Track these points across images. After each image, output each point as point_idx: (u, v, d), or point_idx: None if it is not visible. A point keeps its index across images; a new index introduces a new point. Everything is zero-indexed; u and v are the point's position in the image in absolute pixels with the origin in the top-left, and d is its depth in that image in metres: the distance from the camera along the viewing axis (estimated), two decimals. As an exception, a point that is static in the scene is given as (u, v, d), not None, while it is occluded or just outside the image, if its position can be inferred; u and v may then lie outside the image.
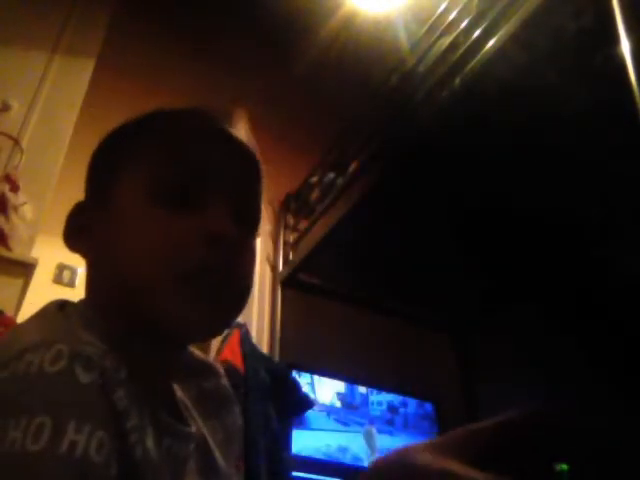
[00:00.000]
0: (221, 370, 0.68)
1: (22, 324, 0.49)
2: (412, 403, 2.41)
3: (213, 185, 0.52)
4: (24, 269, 1.61)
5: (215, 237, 0.49)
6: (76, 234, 0.55)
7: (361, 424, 2.26)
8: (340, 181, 2.11)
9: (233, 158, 0.56)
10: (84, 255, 0.54)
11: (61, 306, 0.50)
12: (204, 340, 0.58)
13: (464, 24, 1.57)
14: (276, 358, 2.17)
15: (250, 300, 2.10)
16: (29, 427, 0.35)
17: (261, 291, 2.37)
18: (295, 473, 1.95)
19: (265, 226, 2.56)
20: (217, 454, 0.59)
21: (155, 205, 0.50)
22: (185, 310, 0.48)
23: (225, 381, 0.67)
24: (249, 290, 0.55)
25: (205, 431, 0.59)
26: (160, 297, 0.48)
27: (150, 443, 0.45)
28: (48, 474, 0.34)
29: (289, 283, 2.40)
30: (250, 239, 0.55)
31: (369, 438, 2.22)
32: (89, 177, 0.58)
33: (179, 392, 0.58)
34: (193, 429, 0.54)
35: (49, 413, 0.36)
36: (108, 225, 0.52)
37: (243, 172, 0.57)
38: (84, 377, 0.40)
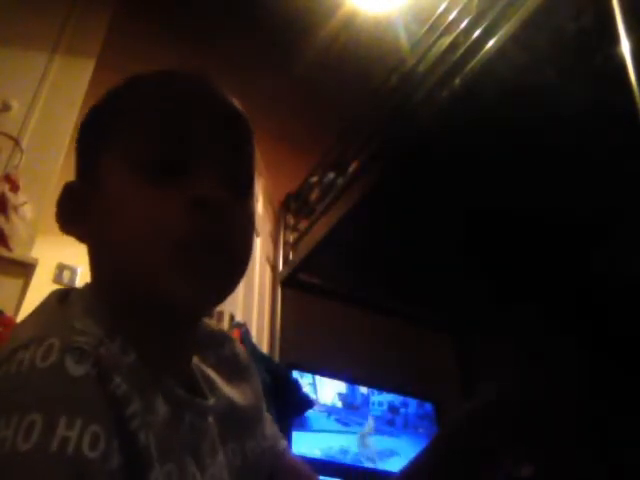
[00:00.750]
0: (231, 336, 0.67)
1: (21, 321, 0.49)
2: (412, 403, 2.41)
3: (198, 151, 0.50)
4: (24, 269, 1.61)
5: (200, 202, 0.47)
6: (69, 217, 0.53)
7: (362, 424, 2.26)
8: (340, 181, 2.10)
9: (217, 120, 0.53)
10: (80, 238, 0.53)
11: (64, 295, 0.49)
12: (207, 310, 0.57)
13: (464, 24, 1.57)
14: (276, 358, 2.17)
15: (250, 300, 2.10)
16: (20, 425, 0.35)
17: (261, 291, 2.37)
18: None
19: (265, 226, 2.56)
20: (247, 414, 0.59)
21: (140, 180, 0.48)
22: (180, 285, 0.47)
23: (239, 346, 0.66)
24: (247, 255, 0.53)
25: (230, 394, 0.58)
26: (154, 274, 0.47)
27: (160, 424, 0.44)
28: (39, 473, 0.34)
29: (289, 283, 2.40)
30: (243, 202, 0.53)
31: (363, 441, 2.22)
32: (76, 157, 0.56)
33: (198, 362, 0.58)
34: (211, 401, 0.54)
35: (40, 410, 0.36)
36: (99, 205, 0.51)
37: (229, 134, 0.53)
38: (75, 370, 0.39)
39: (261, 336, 2.26)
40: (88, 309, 0.46)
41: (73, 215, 0.53)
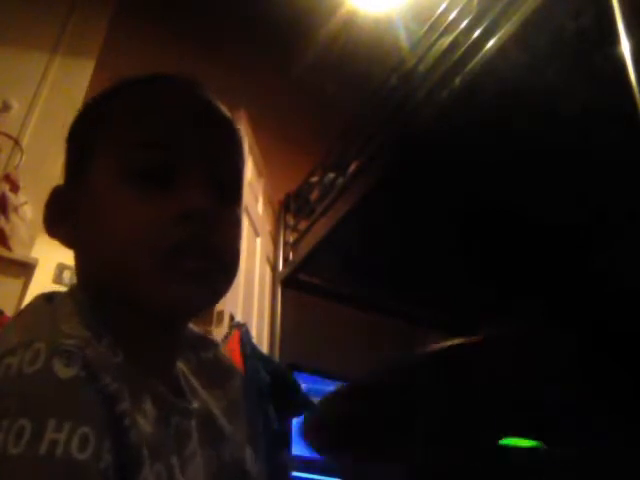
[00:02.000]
0: (216, 341, 0.68)
1: (7, 326, 0.49)
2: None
3: (185, 160, 0.50)
4: (24, 269, 1.61)
5: (188, 214, 0.48)
6: (57, 220, 0.54)
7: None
8: (340, 181, 2.10)
9: (204, 127, 0.53)
10: (65, 242, 0.53)
11: (49, 298, 0.49)
12: (193, 317, 0.57)
13: (464, 24, 1.57)
14: (276, 358, 2.17)
15: (250, 300, 2.10)
16: (10, 430, 0.35)
17: (261, 291, 2.37)
18: (296, 473, 1.95)
19: (265, 226, 2.56)
20: (222, 422, 0.59)
21: (127, 187, 0.49)
22: (167, 291, 0.48)
23: (223, 352, 0.67)
24: (234, 262, 0.54)
25: (208, 401, 0.59)
26: (142, 281, 0.48)
27: (148, 425, 0.44)
28: (28, 477, 0.34)
29: (289, 283, 2.40)
30: (231, 211, 0.54)
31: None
32: (65, 159, 0.56)
33: (180, 365, 0.58)
34: (195, 405, 0.54)
35: (29, 414, 0.36)
36: (86, 210, 0.51)
37: (217, 142, 0.54)
38: (64, 373, 0.39)
39: (261, 336, 2.26)
40: (75, 311, 0.47)
41: (60, 219, 0.54)
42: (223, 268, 0.52)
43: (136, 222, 0.48)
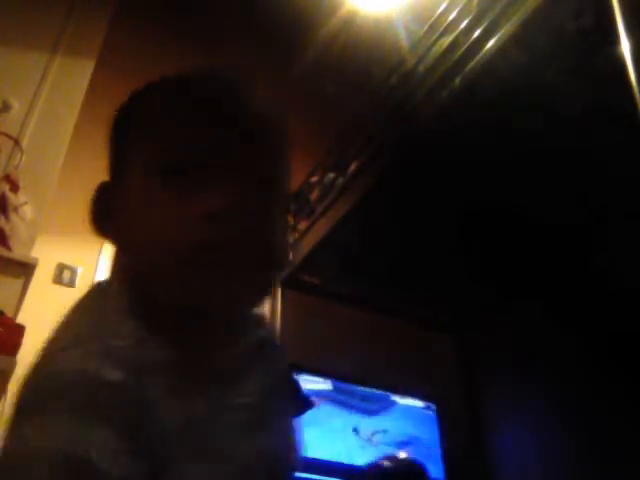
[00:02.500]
0: (266, 319, 0.67)
1: (63, 321, 0.49)
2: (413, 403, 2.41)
3: (216, 159, 0.50)
4: (24, 269, 1.61)
5: (214, 213, 0.47)
6: (101, 217, 0.54)
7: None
8: (340, 181, 2.10)
9: (238, 127, 0.51)
10: (110, 240, 0.54)
11: (103, 291, 0.50)
12: (234, 315, 0.55)
13: (464, 24, 1.57)
14: (276, 358, 2.17)
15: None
16: (43, 424, 0.36)
17: (261, 291, 2.37)
18: (298, 474, 1.95)
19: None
20: (265, 411, 0.58)
21: (158, 186, 0.49)
22: (191, 293, 0.47)
23: (269, 330, 0.66)
24: (273, 259, 0.51)
25: (256, 382, 0.58)
26: (168, 282, 0.48)
27: (197, 424, 0.45)
28: (46, 470, 0.34)
29: (289, 283, 2.40)
30: (267, 210, 0.51)
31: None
32: (108, 157, 0.57)
33: (230, 350, 0.57)
34: (242, 398, 0.53)
35: (66, 412, 0.37)
36: (122, 206, 0.52)
37: (251, 141, 0.52)
38: (112, 375, 0.40)
39: (261, 336, 2.25)
40: (126, 308, 0.47)
41: (104, 215, 0.54)
42: (258, 268, 0.50)
43: (163, 220, 0.48)
